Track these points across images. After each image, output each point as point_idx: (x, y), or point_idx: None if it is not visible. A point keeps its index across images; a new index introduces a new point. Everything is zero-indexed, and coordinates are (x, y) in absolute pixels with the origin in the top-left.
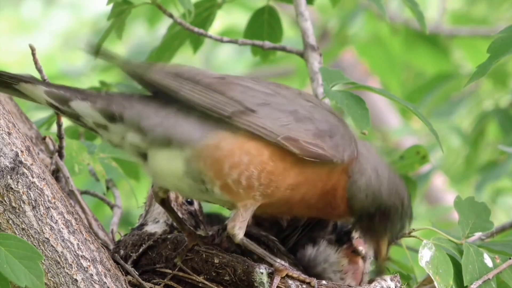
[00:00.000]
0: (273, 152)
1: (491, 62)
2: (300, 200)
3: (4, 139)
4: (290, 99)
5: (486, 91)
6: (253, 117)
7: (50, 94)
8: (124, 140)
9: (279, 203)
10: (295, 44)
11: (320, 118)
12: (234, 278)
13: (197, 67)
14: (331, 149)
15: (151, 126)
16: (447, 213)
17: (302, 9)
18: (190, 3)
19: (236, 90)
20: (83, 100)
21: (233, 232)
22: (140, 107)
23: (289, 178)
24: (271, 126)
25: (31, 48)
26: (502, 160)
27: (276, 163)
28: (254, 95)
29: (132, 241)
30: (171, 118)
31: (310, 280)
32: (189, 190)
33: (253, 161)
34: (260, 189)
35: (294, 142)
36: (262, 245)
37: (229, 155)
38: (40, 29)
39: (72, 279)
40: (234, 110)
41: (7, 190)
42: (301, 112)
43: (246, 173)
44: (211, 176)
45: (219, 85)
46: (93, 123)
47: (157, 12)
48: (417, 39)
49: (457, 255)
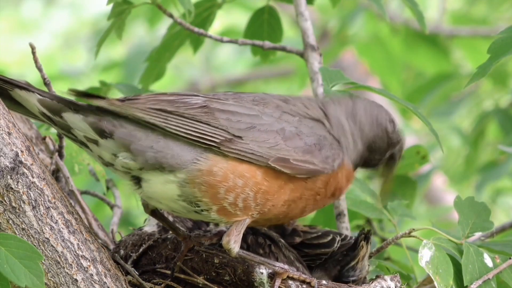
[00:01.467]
0: (265, 172)
1: (491, 62)
2: (302, 213)
3: (4, 139)
4: (275, 117)
5: (486, 91)
6: (240, 144)
7: (44, 103)
8: (115, 160)
9: (276, 217)
10: (295, 44)
11: (307, 131)
12: (234, 278)
13: (178, 93)
14: (321, 162)
15: (141, 149)
16: (447, 213)
17: (302, 9)
18: (190, 3)
19: (220, 118)
20: (75, 112)
21: (229, 247)
22: (130, 128)
23: (284, 195)
24: (259, 150)
25: (31, 46)
26: (502, 160)
27: (270, 182)
28: (239, 120)
29: (132, 241)
30: (160, 141)
31: (310, 280)
32: (184, 212)
33: (247, 183)
34: (257, 208)
35: (284, 163)
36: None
37: (223, 180)
38: (40, 29)
39: (72, 279)
40: (221, 140)
41: (7, 190)
42: (288, 130)
43: (242, 196)
44: (206, 202)
45: (203, 115)
46: (84, 137)
47: (157, 12)
48: (417, 39)
49: (457, 255)
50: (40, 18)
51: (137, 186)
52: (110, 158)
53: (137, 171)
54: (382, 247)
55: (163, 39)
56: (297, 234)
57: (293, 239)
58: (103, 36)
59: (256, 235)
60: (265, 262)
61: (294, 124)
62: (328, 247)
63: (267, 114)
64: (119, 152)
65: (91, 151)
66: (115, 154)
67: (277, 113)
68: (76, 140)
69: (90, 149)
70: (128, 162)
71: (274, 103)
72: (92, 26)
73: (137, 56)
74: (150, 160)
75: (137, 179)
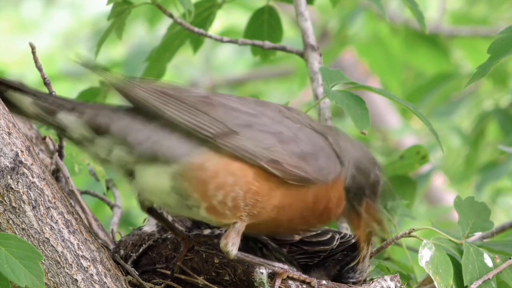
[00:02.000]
0: (257, 172)
1: (491, 62)
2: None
3: (4, 139)
4: (276, 120)
5: (486, 91)
6: (236, 139)
7: (37, 105)
8: (111, 154)
9: (265, 224)
10: (295, 44)
11: (306, 139)
12: (234, 278)
13: (183, 85)
14: (314, 172)
15: (138, 140)
16: (447, 213)
17: (302, 9)
18: (190, 3)
19: (220, 110)
20: (70, 112)
21: (227, 250)
22: (127, 120)
23: (274, 199)
24: (253, 149)
25: (31, 46)
26: (502, 160)
27: (261, 183)
28: (238, 116)
29: (132, 241)
30: (158, 132)
31: (310, 280)
32: (176, 205)
33: (238, 182)
34: (246, 209)
35: (277, 165)
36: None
37: (214, 175)
38: (40, 29)
39: (72, 279)
40: (218, 132)
41: (7, 190)
42: (286, 134)
43: (232, 194)
44: (196, 197)
45: (204, 105)
46: (79, 136)
47: (157, 12)
48: (417, 39)
49: (457, 255)
50: (40, 18)
51: (130, 178)
52: (106, 154)
53: (132, 164)
54: (382, 247)
55: (163, 39)
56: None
57: (292, 237)
58: (103, 36)
59: (247, 240)
60: (265, 263)
61: (293, 130)
62: (327, 245)
63: (267, 116)
64: (115, 146)
65: (87, 150)
66: (110, 149)
67: (278, 116)
68: (72, 138)
69: (86, 148)
70: (123, 156)
71: (276, 108)
72: (92, 26)
73: (137, 56)
74: (146, 151)
75: (131, 172)
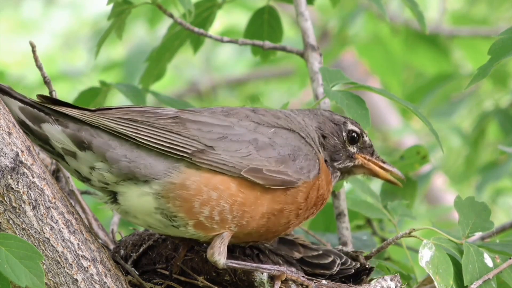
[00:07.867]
0: (240, 183)
1: (491, 63)
2: (286, 228)
3: (5, 139)
4: (249, 129)
5: (486, 91)
6: (212, 154)
7: (24, 110)
8: (92, 172)
9: (257, 232)
10: (295, 44)
11: (282, 142)
12: (234, 278)
13: (150, 107)
14: (295, 173)
15: (116, 158)
16: (447, 213)
17: (302, 9)
18: (190, 3)
19: (191, 128)
20: (55, 123)
21: (214, 259)
22: (106, 138)
23: (262, 206)
24: (231, 161)
25: (31, 45)
26: (502, 160)
27: (246, 193)
28: (211, 130)
29: (132, 241)
30: (134, 150)
31: (308, 283)
32: (161, 227)
33: (222, 196)
34: (234, 221)
35: (257, 173)
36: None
37: (197, 193)
38: (40, 29)
39: (73, 279)
40: (193, 150)
41: (8, 190)
42: (261, 140)
43: (217, 208)
44: (182, 217)
45: (174, 125)
46: (62, 149)
47: (157, 12)
48: (417, 39)
49: (457, 255)
50: (40, 18)
51: (113, 201)
52: (87, 173)
53: (114, 185)
54: (382, 247)
55: (163, 39)
56: (296, 248)
57: (292, 254)
58: (103, 36)
59: (243, 248)
60: (259, 267)
61: (268, 135)
62: (327, 269)
63: (240, 125)
64: (96, 163)
65: (68, 165)
66: (92, 167)
67: (251, 124)
68: (53, 153)
69: (67, 163)
70: (104, 174)
71: (244, 114)
72: (92, 26)
73: (137, 56)
74: (124, 170)
75: (113, 194)
